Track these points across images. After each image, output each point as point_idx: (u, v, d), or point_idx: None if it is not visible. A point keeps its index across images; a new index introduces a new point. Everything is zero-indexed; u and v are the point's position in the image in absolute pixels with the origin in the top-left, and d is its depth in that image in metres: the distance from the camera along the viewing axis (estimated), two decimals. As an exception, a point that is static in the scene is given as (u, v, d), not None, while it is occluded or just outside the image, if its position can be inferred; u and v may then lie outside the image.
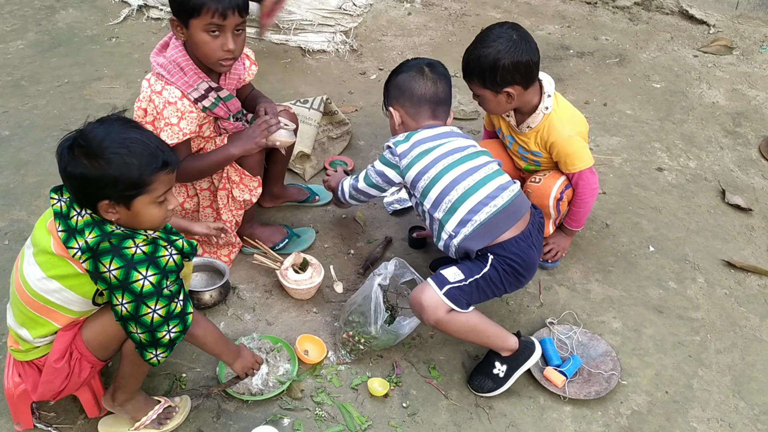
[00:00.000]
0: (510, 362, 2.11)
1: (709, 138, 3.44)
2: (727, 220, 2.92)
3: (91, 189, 1.58)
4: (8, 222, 2.69)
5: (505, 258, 2.03)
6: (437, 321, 2.01)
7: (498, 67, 2.20)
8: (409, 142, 2.14)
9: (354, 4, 4.37)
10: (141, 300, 1.61)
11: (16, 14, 4.15)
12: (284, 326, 2.34)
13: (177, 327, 1.69)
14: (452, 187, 2.06)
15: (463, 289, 2.01)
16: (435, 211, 2.09)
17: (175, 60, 2.17)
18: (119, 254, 1.60)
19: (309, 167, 3.02)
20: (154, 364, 1.72)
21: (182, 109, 2.19)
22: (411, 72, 2.20)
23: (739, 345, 2.36)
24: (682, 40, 4.31)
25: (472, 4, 4.67)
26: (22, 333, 1.76)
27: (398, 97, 2.22)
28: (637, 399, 2.16)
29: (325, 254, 2.64)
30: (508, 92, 2.24)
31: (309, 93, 3.54)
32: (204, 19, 2.07)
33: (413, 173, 2.11)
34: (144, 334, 1.65)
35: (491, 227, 2.04)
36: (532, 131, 2.38)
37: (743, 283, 2.60)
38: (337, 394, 2.12)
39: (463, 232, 2.05)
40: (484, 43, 2.23)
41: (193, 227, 2.27)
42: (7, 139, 3.16)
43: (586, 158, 2.37)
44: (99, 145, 1.56)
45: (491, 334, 2.09)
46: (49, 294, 1.68)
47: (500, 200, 2.06)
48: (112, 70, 3.73)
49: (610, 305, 2.48)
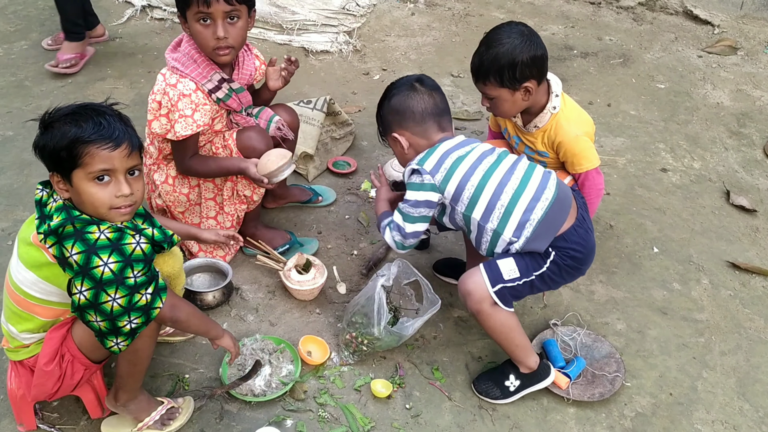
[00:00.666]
0: (524, 379, 2.10)
1: (713, 139, 3.43)
2: (732, 221, 2.90)
3: (43, 160, 1.61)
4: (12, 222, 2.69)
5: (568, 250, 1.98)
6: (479, 311, 1.99)
7: (517, 63, 2.17)
8: (435, 156, 2.02)
9: (357, 5, 4.37)
10: (101, 287, 1.56)
11: (20, 14, 4.16)
12: (287, 327, 2.34)
13: (139, 319, 1.63)
14: (501, 190, 1.96)
15: (516, 288, 1.98)
16: (487, 221, 1.97)
17: (188, 53, 2.24)
18: (82, 238, 1.57)
19: (312, 168, 3.02)
20: (115, 352, 1.67)
21: (196, 101, 2.23)
22: (402, 92, 2.09)
23: (743, 347, 2.35)
24: (686, 41, 4.30)
25: (475, 5, 4.67)
26: (10, 329, 1.76)
27: (399, 121, 2.09)
28: (641, 401, 2.15)
29: (329, 255, 2.64)
30: (527, 87, 2.22)
31: (312, 93, 3.54)
32: (193, 9, 2.14)
33: (453, 185, 1.98)
34: (104, 322, 1.60)
35: (550, 222, 1.97)
36: (539, 131, 2.37)
37: (748, 285, 2.59)
38: (340, 395, 2.12)
39: (524, 236, 1.94)
40: (498, 41, 2.20)
41: (202, 234, 2.25)
42: (11, 140, 3.16)
43: (593, 158, 2.36)
44: (52, 116, 1.60)
45: (519, 343, 2.07)
46: (28, 287, 1.68)
47: (549, 192, 1.97)
48: (116, 71, 3.74)
49: (614, 306, 2.47)
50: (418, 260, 2.61)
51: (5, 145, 3.12)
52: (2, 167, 2.99)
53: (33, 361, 1.78)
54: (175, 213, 2.50)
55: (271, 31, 4.16)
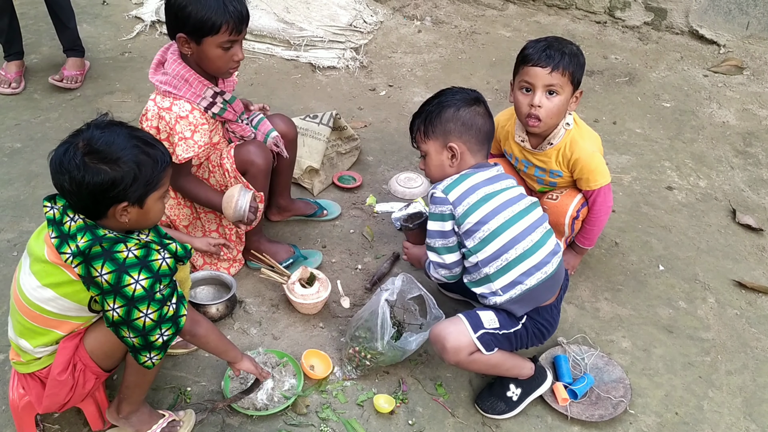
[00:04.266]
0: (524, 386, 2.10)
1: (719, 157, 3.42)
2: (738, 240, 2.89)
3: (113, 193, 1.60)
4: (17, 233, 2.70)
5: (538, 322, 2.03)
6: (458, 362, 2.00)
7: (584, 63, 2.28)
8: (462, 186, 1.97)
9: (364, 21, 4.40)
10: (133, 304, 1.60)
11: (30, 29, 4.20)
12: (290, 341, 2.33)
13: (170, 330, 1.68)
14: (512, 246, 1.95)
15: (497, 337, 1.99)
16: (486, 265, 1.96)
17: (178, 74, 2.22)
18: (111, 258, 1.60)
19: (318, 182, 3.02)
20: (149, 367, 1.71)
21: (194, 122, 2.23)
22: (472, 105, 2.03)
23: (750, 366, 2.33)
24: (692, 60, 4.31)
25: (481, 23, 4.70)
26: (21, 344, 1.76)
27: (464, 132, 2.02)
28: (647, 420, 2.13)
29: (333, 269, 2.63)
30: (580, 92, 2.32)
31: (319, 108, 3.56)
32: (221, 36, 2.14)
33: (470, 223, 1.95)
34: (137, 338, 1.64)
35: (536, 294, 1.99)
36: (553, 149, 2.37)
37: (754, 304, 2.57)
38: (343, 410, 2.11)
39: (509, 294, 1.96)
40: (566, 42, 2.29)
41: (194, 243, 2.29)
42: (19, 152, 3.19)
43: (606, 175, 2.37)
44: (113, 148, 1.59)
45: (509, 366, 2.07)
46: (45, 303, 1.68)
47: (550, 267, 1.99)
48: (124, 85, 3.77)
49: (620, 324, 2.45)
50: (422, 275, 2.59)
51: (13, 157, 3.14)
52: (9, 179, 3.01)
53: (44, 373, 1.78)
54: (179, 227, 2.51)
55: (279, 47, 4.20)
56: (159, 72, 2.27)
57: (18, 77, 3.65)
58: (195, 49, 2.18)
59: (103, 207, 1.63)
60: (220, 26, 2.11)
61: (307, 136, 2.99)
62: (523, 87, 2.28)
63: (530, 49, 2.27)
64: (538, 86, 2.24)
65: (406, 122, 3.59)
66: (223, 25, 2.12)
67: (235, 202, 2.23)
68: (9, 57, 3.66)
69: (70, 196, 1.63)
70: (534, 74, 2.23)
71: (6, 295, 2.39)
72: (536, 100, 2.25)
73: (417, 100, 3.82)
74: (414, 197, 3.02)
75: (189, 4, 2.09)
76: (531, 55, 2.25)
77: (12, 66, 3.66)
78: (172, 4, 2.13)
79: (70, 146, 1.59)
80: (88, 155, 1.58)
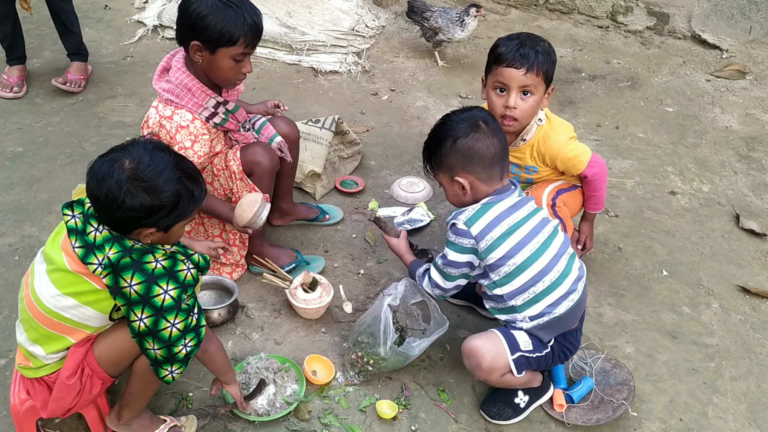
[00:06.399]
0: (532, 393, 2.11)
1: (722, 162, 3.41)
2: (742, 245, 2.88)
3: (145, 221, 1.61)
4: (19, 238, 2.70)
5: (564, 346, 2.05)
6: (487, 380, 2.02)
7: (556, 60, 2.28)
8: (484, 220, 1.92)
9: (367, 26, 4.40)
10: (161, 314, 1.62)
11: (32, 33, 4.20)
12: (292, 346, 2.32)
13: (192, 341, 1.70)
14: (539, 279, 1.93)
15: (530, 360, 1.99)
16: (512, 298, 1.94)
17: (182, 83, 2.22)
18: (140, 269, 1.61)
19: (320, 186, 3.02)
20: (168, 381, 1.72)
21: (195, 132, 2.23)
22: (470, 134, 1.94)
23: (754, 372, 2.31)
24: (694, 65, 4.31)
25: (483, 27, 4.70)
26: (34, 350, 1.74)
27: (466, 164, 1.95)
28: (651, 426, 2.11)
29: (335, 274, 2.62)
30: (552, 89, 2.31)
31: (321, 113, 3.56)
32: (237, 49, 2.15)
33: (495, 257, 1.92)
34: (161, 350, 1.65)
35: (564, 321, 1.98)
36: (526, 145, 2.37)
37: (758, 309, 2.56)
38: (345, 416, 2.09)
39: (537, 323, 1.95)
40: (538, 39, 2.27)
41: (194, 246, 2.30)
42: (21, 156, 3.18)
43: (586, 151, 2.38)
44: (159, 180, 1.59)
45: (524, 381, 2.07)
46: (63, 311, 1.67)
47: (576, 294, 1.98)
48: (126, 89, 3.77)
49: (623, 330, 2.44)
50: (425, 280, 2.59)
51: (15, 161, 3.14)
52: (11, 183, 3.00)
53: (52, 378, 1.78)
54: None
55: (281, 51, 4.20)
56: (163, 79, 2.27)
57: (20, 82, 3.65)
58: (207, 58, 2.17)
59: (131, 227, 1.63)
60: (237, 39, 2.12)
61: (309, 141, 2.99)
62: (497, 87, 2.26)
63: (503, 47, 2.23)
64: (513, 87, 2.21)
65: (408, 127, 3.61)
66: (241, 38, 2.12)
67: (257, 209, 2.22)
68: (11, 61, 3.66)
69: (101, 209, 1.62)
70: (509, 75, 2.21)
71: (6, 300, 2.39)
72: (511, 102, 2.23)
73: (419, 105, 3.82)
74: (416, 202, 3.01)
75: (209, 14, 2.09)
76: (505, 55, 2.21)
77: (14, 70, 3.66)
78: (189, 13, 2.11)
79: (116, 164, 1.57)
80: (134, 180, 1.57)
